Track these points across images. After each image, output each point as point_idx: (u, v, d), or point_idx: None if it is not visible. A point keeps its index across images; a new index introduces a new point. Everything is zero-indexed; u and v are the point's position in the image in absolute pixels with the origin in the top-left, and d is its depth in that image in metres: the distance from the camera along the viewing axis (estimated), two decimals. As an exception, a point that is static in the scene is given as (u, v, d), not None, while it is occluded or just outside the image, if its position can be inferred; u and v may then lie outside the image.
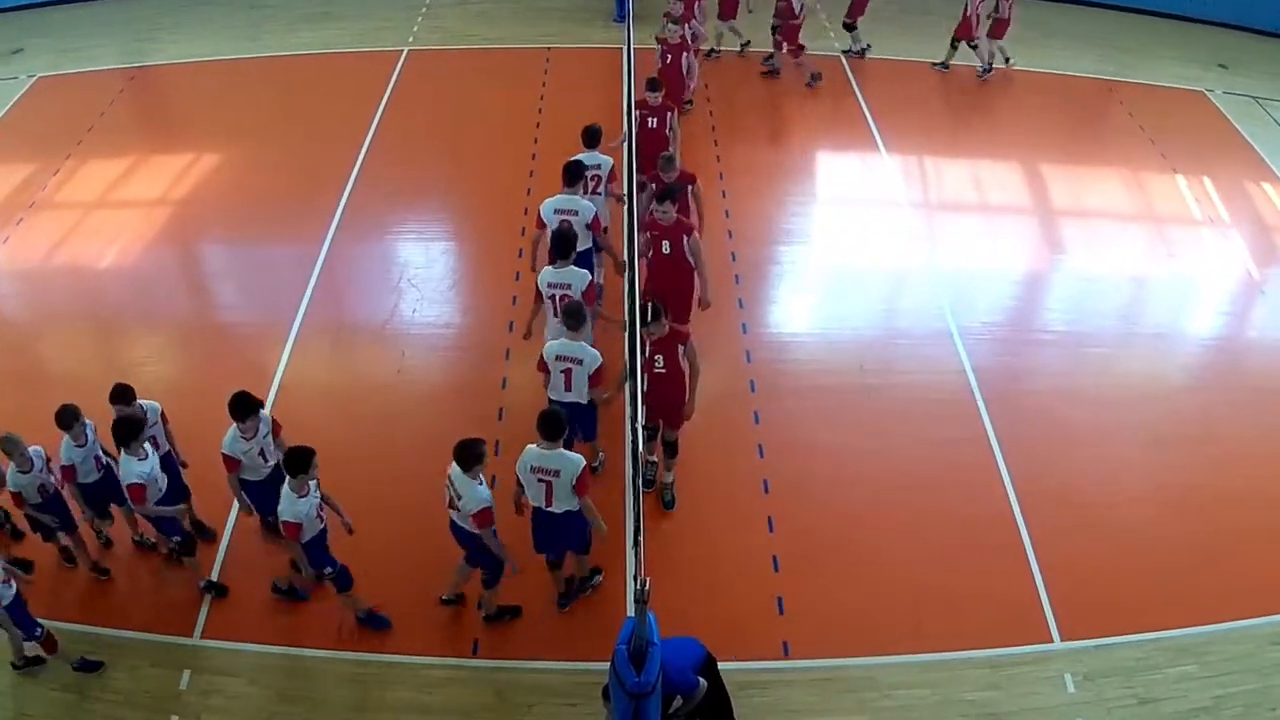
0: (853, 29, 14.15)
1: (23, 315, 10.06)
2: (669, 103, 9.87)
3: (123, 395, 6.69)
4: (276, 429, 6.73)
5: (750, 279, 10.15)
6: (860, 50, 14.23)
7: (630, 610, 5.14)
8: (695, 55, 11.83)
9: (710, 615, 6.89)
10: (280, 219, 11.07)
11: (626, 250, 7.58)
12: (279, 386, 8.78)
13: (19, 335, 9.71)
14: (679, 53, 11.26)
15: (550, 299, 7.60)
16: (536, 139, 12.05)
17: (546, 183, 8.81)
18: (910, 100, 13.58)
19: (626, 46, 11.07)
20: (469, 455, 6.05)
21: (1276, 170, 12.25)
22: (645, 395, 6.41)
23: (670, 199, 7.83)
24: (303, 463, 6.09)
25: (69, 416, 6.60)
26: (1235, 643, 6.98)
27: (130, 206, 11.28)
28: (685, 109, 11.75)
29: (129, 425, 6.42)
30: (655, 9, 13.12)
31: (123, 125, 12.88)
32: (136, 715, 6.44)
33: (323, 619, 7.00)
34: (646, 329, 6.78)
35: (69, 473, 6.68)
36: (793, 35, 13.12)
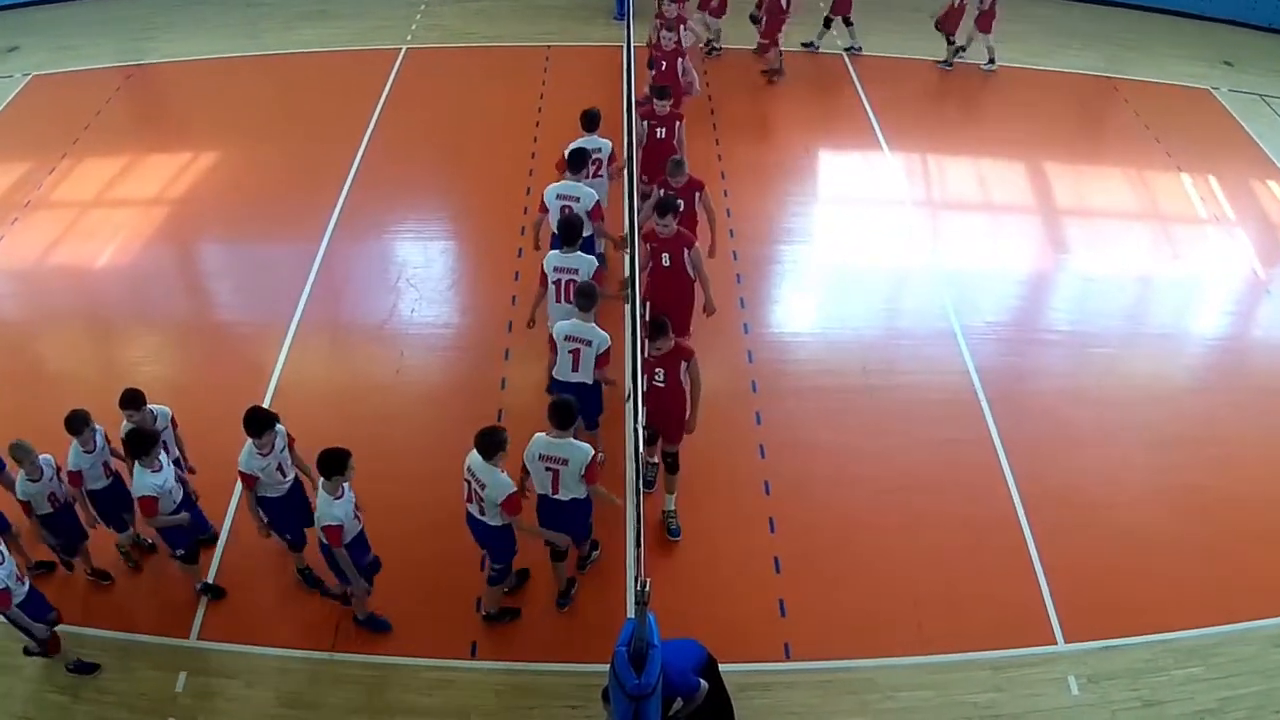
0: (831, 24, 13.91)
1: (18, 316, 9.98)
2: (678, 112, 9.64)
3: (133, 400, 6.57)
4: (291, 442, 6.62)
5: (752, 278, 10.10)
6: (852, 46, 14.10)
7: (630, 612, 5.10)
8: (690, 59, 11.38)
9: (711, 616, 6.86)
10: (278, 218, 11.01)
11: (626, 227, 7.54)
12: (276, 387, 8.73)
13: (15, 336, 9.64)
14: (674, 59, 10.82)
15: (556, 283, 7.65)
16: (536, 138, 11.98)
17: (546, 182, 8.77)
18: (913, 98, 13.53)
19: (627, 45, 10.99)
20: (491, 443, 6.04)
21: (1282, 168, 12.20)
22: (643, 407, 6.34)
23: (672, 212, 7.70)
24: (339, 464, 6.02)
25: (79, 422, 6.44)
26: (1241, 644, 6.94)
27: (127, 206, 11.22)
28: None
29: (143, 437, 6.26)
30: (655, 7, 13.05)
31: (119, 124, 12.80)
32: (132, 718, 6.38)
33: (321, 621, 6.94)
34: (654, 345, 6.70)
35: (75, 478, 6.55)
36: (774, 29, 12.90)
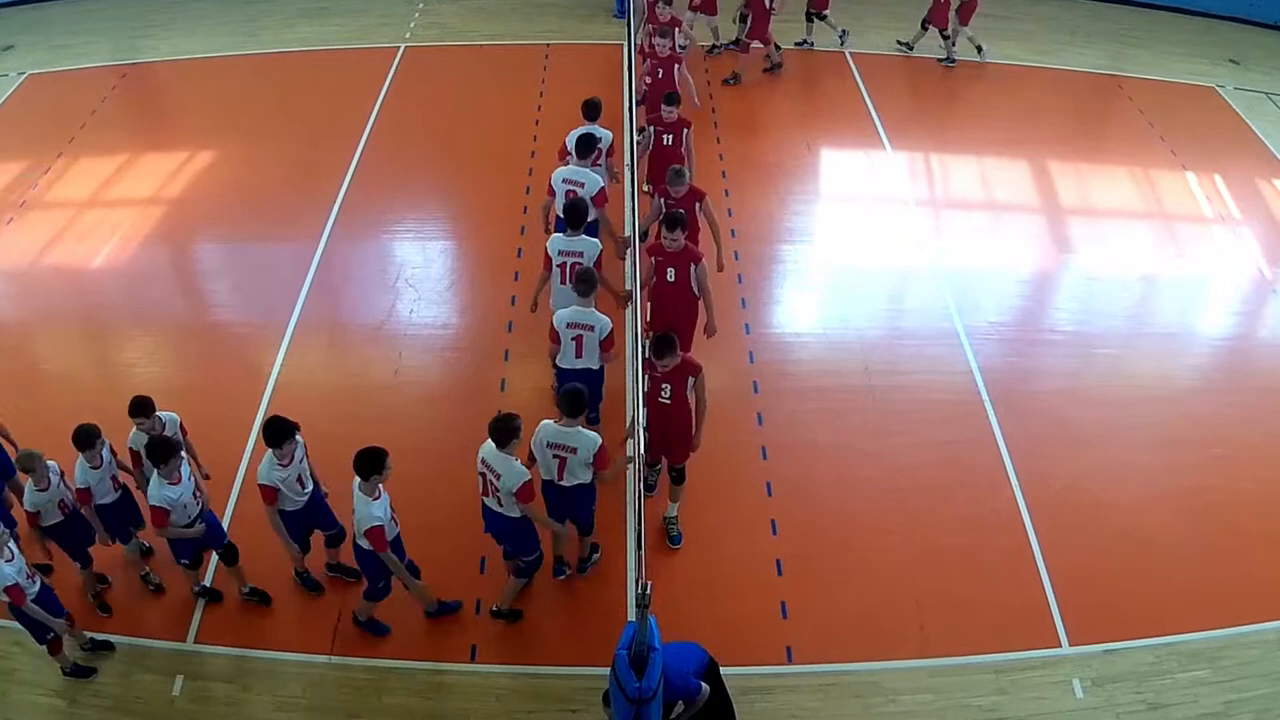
0: (820, 19, 13.72)
1: (13, 316, 9.91)
2: (685, 119, 9.48)
3: (141, 408, 6.40)
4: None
5: (753, 278, 10.03)
6: (841, 36, 13.96)
7: (631, 615, 5.06)
8: (687, 64, 11.03)
9: (712, 619, 6.80)
10: (276, 217, 10.94)
11: (626, 227, 7.47)
12: (274, 387, 8.68)
13: (10, 337, 9.57)
14: (670, 65, 10.48)
15: (561, 266, 7.67)
16: (535, 136, 11.91)
17: (546, 181, 8.73)
18: (915, 96, 13.46)
19: (627, 43, 10.94)
20: (505, 430, 6.03)
21: (1288, 167, 12.11)
22: (647, 428, 6.27)
23: (680, 226, 7.55)
24: (376, 463, 5.93)
25: (88, 437, 6.24)
26: (1247, 647, 6.88)
27: (123, 205, 11.15)
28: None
29: (165, 447, 6.07)
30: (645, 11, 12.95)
31: (115, 123, 12.71)
32: (128, 722, 6.33)
33: (320, 624, 6.89)
34: (660, 362, 6.60)
35: (84, 495, 6.40)
36: (761, 27, 12.73)
